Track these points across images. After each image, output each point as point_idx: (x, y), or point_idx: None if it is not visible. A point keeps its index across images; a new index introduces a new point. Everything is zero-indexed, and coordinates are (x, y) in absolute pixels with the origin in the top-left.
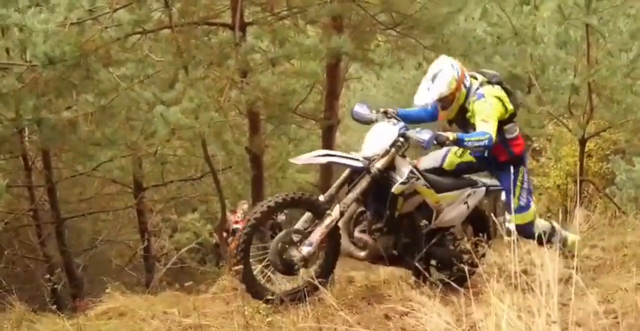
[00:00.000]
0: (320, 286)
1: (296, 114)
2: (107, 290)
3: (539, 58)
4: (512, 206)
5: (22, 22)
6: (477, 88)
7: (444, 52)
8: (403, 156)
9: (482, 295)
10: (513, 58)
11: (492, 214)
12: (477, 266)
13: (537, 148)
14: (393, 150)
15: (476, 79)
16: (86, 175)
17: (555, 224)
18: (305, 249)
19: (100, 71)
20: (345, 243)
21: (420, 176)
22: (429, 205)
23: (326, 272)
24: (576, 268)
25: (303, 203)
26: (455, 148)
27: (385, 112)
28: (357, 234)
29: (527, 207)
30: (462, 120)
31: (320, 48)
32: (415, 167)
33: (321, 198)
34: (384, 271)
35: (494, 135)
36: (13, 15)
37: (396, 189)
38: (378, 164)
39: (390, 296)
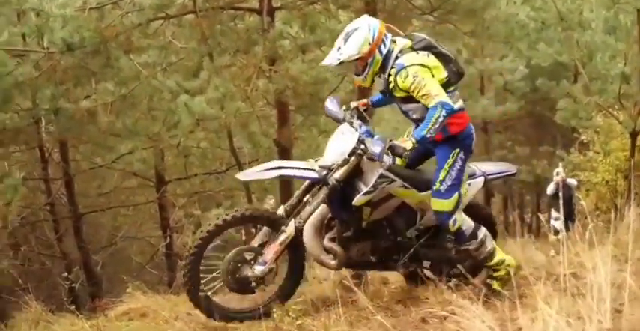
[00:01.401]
0: (354, 288)
1: None
2: (128, 290)
3: (587, 44)
4: (433, 188)
5: (39, 6)
6: (397, 57)
7: (485, 39)
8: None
9: (528, 299)
10: (559, 44)
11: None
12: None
13: (585, 141)
14: (352, 158)
15: (396, 45)
16: (105, 168)
17: (484, 232)
18: (258, 268)
19: (121, 58)
20: (315, 250)
21: (395, 178)
22: (411, 206)
23: (289, 288)
24: (630, 271)
25: (257, 219)
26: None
27: (355, 108)
28: (326, 242)
29: (447, 195)
30: (388, 91)
31: None
32: (390, 168)
33: (280, 210)
34: (421, 272)
35: (443, 97)
36: None
37: (357, 201)
38: (337, 174)
39: (427, 298)
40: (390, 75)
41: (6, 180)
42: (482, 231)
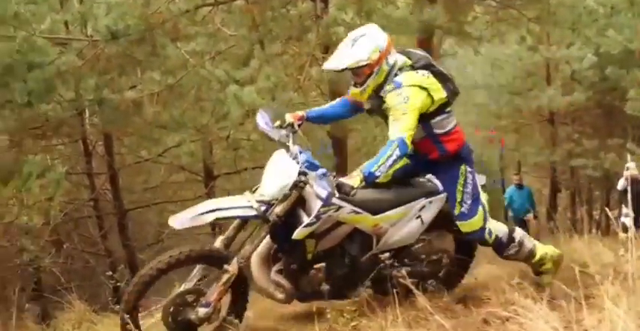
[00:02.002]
0: (412, 287)
1: None
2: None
3: None
4: (455, 212)
5: None
6: (396, 74)
7: (550, 25)
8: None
9: (595, 299)
10: (629, 31)
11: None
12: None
13: None
14: (294, 192)
15: (398, 61)
16: (151, 162)
17: (520, 232)
18: (202, 310)
19: (167, 46)
20: (263, 282)
21: (343, 204)
22: (364, 232)
23: (233, 320)
24: None
25: (198, 259)
26: None
27: (289, 125)
28: (273, 275)
29: (472, 213)
30: (380, 110)
31: (411, 20)
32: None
33: (218, 243)
34: (482, 270)
35: (407, 136)
36: None
37: (297, 234)
38: (278, 209)
39: (489, 299)
40: (385, 91)
41: (48, 174)
42: (518, 233)
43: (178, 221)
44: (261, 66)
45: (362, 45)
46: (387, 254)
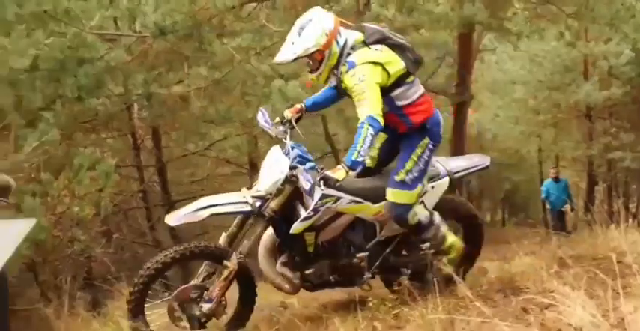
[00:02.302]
0: (454, 275)
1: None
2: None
3: None
4: (395, 177)
5: None
6: (349, 54)
7: (589, 21)
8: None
9: (632, 288)
10: None
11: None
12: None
13: None
14: (287, 187)
15: (349, 39)
16: (198, 155)
17: (437, 216)
18: (205, 306)
19: (214, 42)
20: (270, 274)
21: (341, 194)
22: (367, 220)
23: (243, 315)
24: None
25: (201, 255)
26: None
27: (288, 121)
28: (278, 266)
29: (412, 186)
30: (340, 88)
31: (451, 16)
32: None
33: (222, 239)
34: (520, 261)
35: (376, 113)
36: None
37: (294, 229)
38: (272, 204)
39: (527, 287)
40: (340, 72)
41: (98, 166)
42: (437, 216)
43: (175, 218)
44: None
45: (309, 31)
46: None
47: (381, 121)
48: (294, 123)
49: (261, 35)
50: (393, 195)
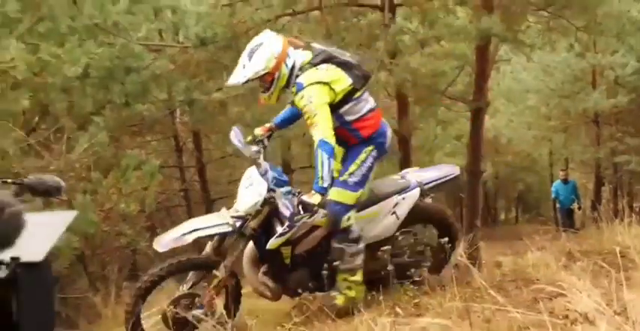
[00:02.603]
0: (471, 267)
1: (445, 96)
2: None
3: None
4: (340, 178)
5: (174, 4)
6: (297, 75)
7: (597, 33)
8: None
9: (635, 279)
10: None
11: None
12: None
13: None
14: (266, 207)
15: (298, 61)
16: (235, 157)
17: (362, 246)
18: (198, 312)
19: None
20: (253, 282)
21: (316, 209)
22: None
23: (231, 314)
24: None
25: (193, 266)
26: None
27: (260, 141)
28: (260, 275)
29: (353, 188)
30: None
31: (469, 29)
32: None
33: (207, 249)
34: (532, 255)
35: (326, 136)
36: None
37: (270, 245)
38: (252, 223)
39: (538, 279)
40: (292, 92)
41: (144, 167)
42: (362, 245)
43: (162, 243)
44: None
45: (259, 55)
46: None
47: (332, 142)
48: (266, 143)
49: None
50: (334, 193)
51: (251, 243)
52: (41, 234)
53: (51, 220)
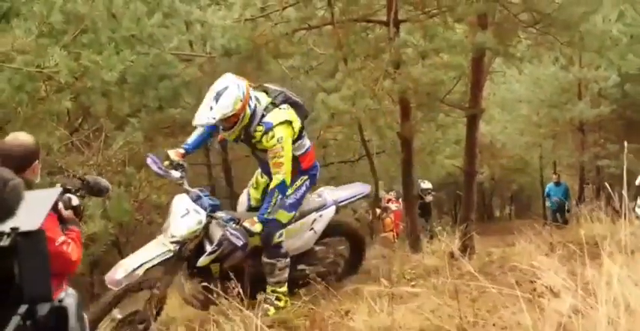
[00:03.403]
0: (460, 254)
1: (443, 103)
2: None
3: None
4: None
5: (203, 18)
6: (263, 115)
7: (580, 48)
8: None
9: (599, 262)
10: None
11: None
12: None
13: None
14: (202, 231)
15: (259, 101)
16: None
17: (288, 260)
18: (140, 326)
19: (270, 62)
20: (183, 292)
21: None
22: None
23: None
24: None
25: (140, 287)
26: (251, 181)
27: (179, 165)
28: (191, 288)
29: (289, 209)
30: (248, 142)
31: (465, 43)
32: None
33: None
34: (519, 246)
35: (288, 178)
36: (196, 12)
37: (201, 262)
38: (191, 246)
39: (521, 265)
40: (256, 130)
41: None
42: (287, 259)
43: (114, 282)
44: (344, 78)
45: (226, 98)
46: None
47: (288, 183)
48: (186, 166)
49: (309, 57)
50: (272, 212)
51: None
52: (34, 207)
53: (40, 195)
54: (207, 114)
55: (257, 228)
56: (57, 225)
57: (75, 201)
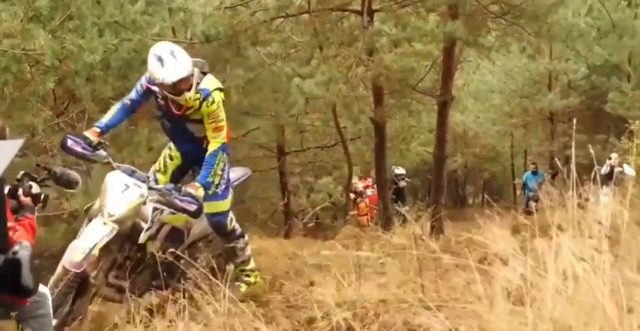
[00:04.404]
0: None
1: (415, 90)
2: (247, 234)
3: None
4: (209, 192)
5: (184, 5)
6: (198, 82)
7: (547, 38)
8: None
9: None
10: (611, 48)
11: None
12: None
13: (633, 130)
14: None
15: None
16: (238, 140)
17: (247, 238)
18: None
19: (249, 49)
20: (103, 289)
21: (163, 207)
22: (179, 228)
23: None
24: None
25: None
26: (156, 166)
27: (99, 143)
28: (111, 280)
29: (224, 195)
30: (180, 117)
31: (436, 32)
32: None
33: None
34: (487, 230)
35: (226, 140)
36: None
37: (142, 239)
38: (129, 223)
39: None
40: (192, 99)
41: (153, 143)
42: (247, 238)
43: (76, 265)
44: (319, 64)
45: (181, 55)
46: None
47: (227, 145)
48: (105, 143)
49: (286, 44)
50: (210, 207)
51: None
52: None
53: (3, 146)
54: (176, 68)
55: (200, 192)
56: (7, 210)
57: (35, 188)
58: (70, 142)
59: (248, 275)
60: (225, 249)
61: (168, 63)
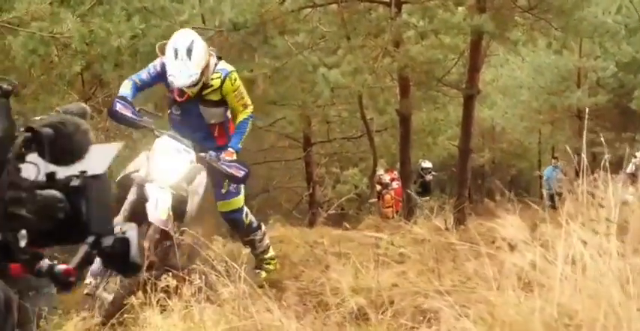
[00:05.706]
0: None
1: (441, 83)
2: (270, 222)
3: None
4: (221, 190)
5: None
6: (216, 63)
7: (573, 34)
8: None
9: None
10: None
11: None
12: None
13: None
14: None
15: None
16: (264, 130)
17: (264, 228)
18: None
19: (276, 38)
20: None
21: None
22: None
23: None
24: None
25: None
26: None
27: (143, 110)
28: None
29: (237, 193)
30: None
31: (463, 25)
32: None
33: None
34: (505, 220)
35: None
36: None
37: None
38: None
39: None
40: (213, 79)
41: None
42: (264, 227)
43: (162, 222)
44: (345, 55)
45: (197, 50)
46: None
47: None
48: (154, 112)
49: (313, 34)
50: (225, 206)
51: None
52: (97, 155)
53: (101, 147)
54: (186, 72)
55: (235, 157)
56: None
57: None
58: (118, 106)
59: (268, 263)
60: (245, 243)
61: (181, 65)
